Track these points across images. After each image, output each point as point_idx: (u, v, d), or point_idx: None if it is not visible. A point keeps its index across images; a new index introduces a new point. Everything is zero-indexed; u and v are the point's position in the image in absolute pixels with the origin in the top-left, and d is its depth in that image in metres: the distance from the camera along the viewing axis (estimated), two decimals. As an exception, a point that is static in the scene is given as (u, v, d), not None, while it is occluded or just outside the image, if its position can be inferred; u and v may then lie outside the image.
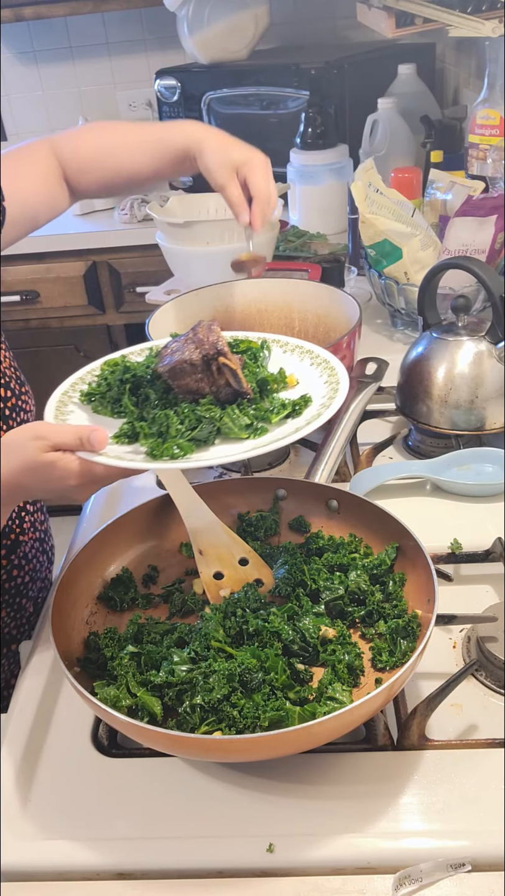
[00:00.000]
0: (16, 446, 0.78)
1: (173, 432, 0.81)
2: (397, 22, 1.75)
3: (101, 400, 0.89)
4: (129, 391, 0.88)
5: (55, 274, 2.54)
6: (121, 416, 0.87)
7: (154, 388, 0.88)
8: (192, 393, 0.86)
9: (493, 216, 1.41)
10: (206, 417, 0.82)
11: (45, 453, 0.77)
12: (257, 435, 0.83)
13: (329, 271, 1.57)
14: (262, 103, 2.37)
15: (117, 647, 0.84)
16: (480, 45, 1.90)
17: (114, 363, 0.94)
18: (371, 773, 0.77)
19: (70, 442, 0.77)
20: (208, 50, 2.45)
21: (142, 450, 0.81)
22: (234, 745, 0.71)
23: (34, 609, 1.14)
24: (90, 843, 0.73)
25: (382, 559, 0.91)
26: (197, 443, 0.81)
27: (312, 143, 2.08)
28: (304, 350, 0.97)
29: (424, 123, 1.97)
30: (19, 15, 2.59)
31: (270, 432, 0.83)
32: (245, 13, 2.44)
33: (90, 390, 0.90)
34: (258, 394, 0.88)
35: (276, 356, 0.97)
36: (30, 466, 0.77)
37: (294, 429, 0.82)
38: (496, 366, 1.14)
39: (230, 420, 0.83)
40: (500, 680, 0.84)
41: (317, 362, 0.94)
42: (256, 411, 0.85)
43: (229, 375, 0.85)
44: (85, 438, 0.77)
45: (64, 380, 0.94)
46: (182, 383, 0.86)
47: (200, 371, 0.85)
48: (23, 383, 1.12)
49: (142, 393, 0.88)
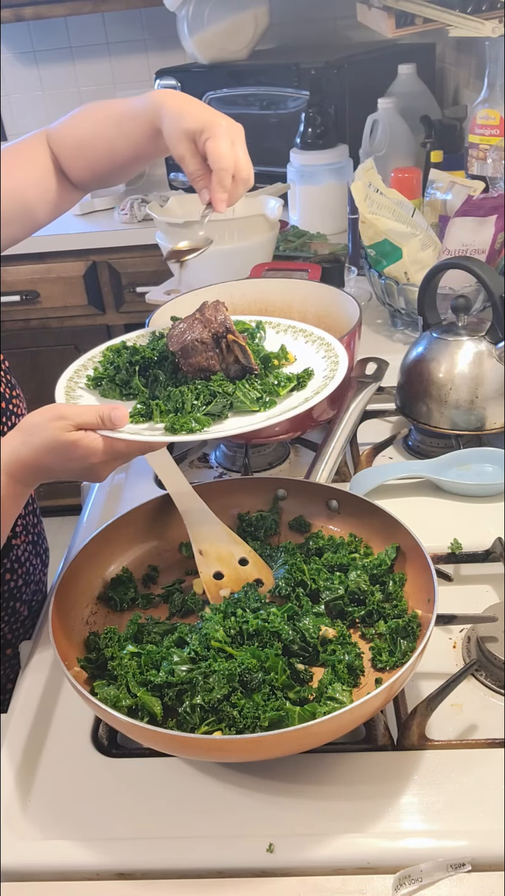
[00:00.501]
0: (38, 427, 0.80)
1: (189, 407, 0.85)
2: (397, 22, 1.76)
3: (110, 384, 0.92)
4: (139, 372, 0.91)
5: (55, 274, 2.54)
6: (129, 398, 0.91)
7: (163, 368, 0.92)
8: (203, 370, 0.89)
9: (493, 216, 1.41)
10: (219, 392, 0.87)
11: (68, 433, 0.78)
12: (268, 407, 0.87)
13: (329, 271, 1.57)
14: (262, 103, 2.37)
15: (117, 647, 0.84)
16: (480, 45, 1.90)
17: (116, 349, 0.96)
18: (371, 773, 0.77)
19: (92, 421, 0.79)
20: (208, 50, 2.45)
21: (158, 426, 0.84)
22: (234, 745, 0.71)
23: (29, 612, 1.13)
24: (90, 843, 0.73)
25: (382, 559, 0.91)
26: (212, 417, 0.85)
27: (312, 143, 2.08)
28: (297, 329, 1.01)
29: (424, 123, 1.97)
30: (19, 15, 2.59)
31: (279, 404, 0.87)
32: (245, 13, 2.44)
33: (97, 374, 0.93)
34: (262, 370, 0.91)
35: (270, 337, 1.00)
36: (53, 446, 0.79)
37: (303, 399, 0.86)
38: (496, 366, 1.14)
39: (242, 394, 0.87)
40: (500, 680, 0.84)
41: (311, 340, 0.98)
42: (263, 385, 0.89)
43: (238, 352, 0.89)
44: (106, 417, 0.79)
45: None
46: (194, 361, 0.89)
47: (211, 349, 0.89)
48: (14, 387, 1.11)
49: (151, 374, 0.91)
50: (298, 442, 1.29)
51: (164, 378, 0.90)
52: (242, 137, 0.96)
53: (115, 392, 0.91)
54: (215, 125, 0.93)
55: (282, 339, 0.99)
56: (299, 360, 0.95)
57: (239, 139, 0.95)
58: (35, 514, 1.18)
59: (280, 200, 1.72)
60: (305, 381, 0.90)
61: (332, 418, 1.16)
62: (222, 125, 0.94)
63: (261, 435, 1.18)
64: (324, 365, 0.92)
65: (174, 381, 0.90)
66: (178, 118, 0.95)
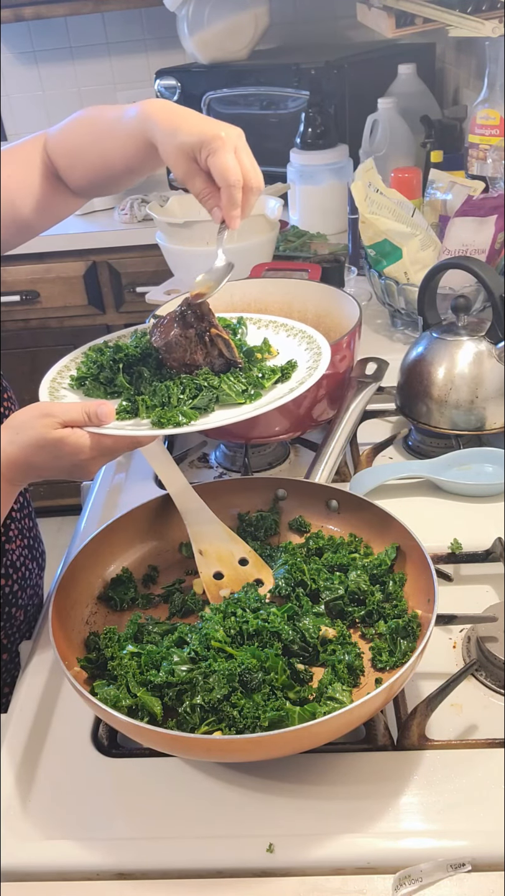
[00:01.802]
0: (25, 425, 0.79)
1: (175, 401, 0.86)
2: (397, 22, 1.76)
3: (94, 382, 0.92)
4: (123, 370, 0.91)
5: (55, 274, 2.54)
6: (114, 396, 0.91)
7: (147, 365, 0.92)
8: (187, 365, 0.89)
9: (493, 216, 1.41)
10: (205, 386, 0.87)
11: (55, 430, 0.78)
12: (253, 399, 0.88)
13: (329, 271, 1.57)
14: (262, 103, 2.37)
15: (117, 647, 0.84)
16: (480, 45, 1.90)
17: (98, 348, 0.96)
18: (371, 773, 0.77)
19: (78, 418, 0.79)
20: (208, 50, 2.45)
21: (144, 422, 0.85)
22: (234, 745, 0.71)
23: (25, 617, 1.12)
24: (90, 843, 0.73)
25: (382, 559, 0.91)
26: (198, 410, 0.86)
27: (312, 143, 2.08)
28: (277, 324, 1.02)
29: (424, 123, 1.97)
30: (19, 15, 2.59)
31: (265, 396, 0.88)
32: (245, 13, 2.44)
33: (80, 374, 0.93)
34: (246, 363, 0.92)
35: (251, 332, 1.01)
36: (40, 444, 0.79)
37: (289, 389, 0.87)
38: (496, 366, 1.14)
39: (227, 387, 0.87)
40: (500, 680, 0.84)
41: (293, 333, 0.99)
42: (248, 378, 0.90)
43: (222, 345, 0.89)
44: (92, 413, 0.79)
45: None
46: (177, 356, 0.89)
47: (195, 343, 0.89)
48: (4, 389, 1.11)
49: (135, 371, 0.91)
50: (298, 442, 1.29)
51: (149, 374, 0.91)
52: (244, 142, 0.89)
53: (99, 391, 0.91)
54: (214, 138, 0.86)
55: (263, 334, 1.00)
56: (282, 354, 0.96)
57: (241, 146, 0.88)
58: (31, 517, 1.17)
59: (280, 200, 1.72)
60: (289, 372, 0.91)
61: (332, 418, 1.16)
62: (221, 136, 0.86)
63: (261, 435, 1.18)
64: (307, 357, 0.93)
65: (158, 377, 0.90)
66: (172, 134, 0.88)
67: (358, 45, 2.59)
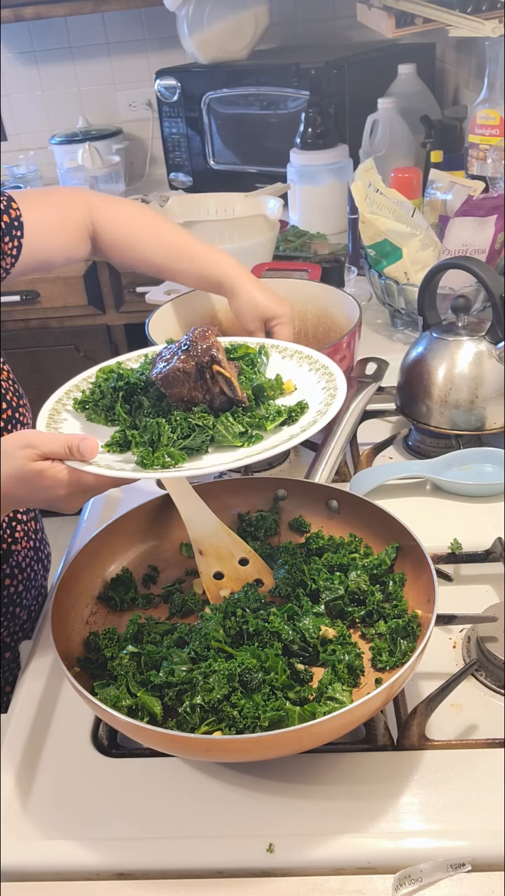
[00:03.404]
0: (5, 455, 0.77)
1: (165, 440, 0.81)
2: (397, 22, 1.76)
3: (95, 408, 0.89)
4: (123, 399, 0.87)
5: (55, 274, 2.54)
6: (115, 423, 0.87)
7: (147, 395, 0.87)
8: (186, 401, 0.85)
9: (493, 216, 1.41)
10: (199, 426, 0.82)
11: (34, 462, 0.76)
12: (252, 442, 0.83)
13: (329, 271, 1.57)
14: (262, 103, 2.37)
15: (117, 647, 0.84)
16: (480, 45, 1.90)
17: (108, 370, 0.93)
18: (371, 773, 0.77)
19: (59, 451, 0.76)
20: (208, 50, 2.45)
21: (133, 458, 0.80)
22: (234, 745, 0.71)
23: (28, 617, 1.13)
24: (90, 843, 0.73)
25: (382, 559, 0.91)
26: (189, 451, 0.81)
27: (312, 143, 2.08)
28: (302, 355, 0.97)
29: (424, 123, 1.97)
30: (19, 15, 2.59)
31: (265, 440, 0.83)
32: (245, 13, 2.44)
33: (84, 398, 0.90)
34: (254, 401, 0.87)
35: (275, 361, 0.97)
36: (18, 475, 0.77)
37: (289, 436, 0.81)
38: (496, 366, 1.14)
39: (224, 428, 0.82)
40: (500, 680, 0.84)
41: (315, 367, 0.94)
42: (251, 418, 0.84)
43: (223, 383, 0.84)
44: (74, 447, 0.76)
45: (64, 381, 0.94)
46: (175, 391, 0.85)
47: (194, 379, 0.84)
48: (21, 396, 1.12)
49: (135, 400, 0.88)
50: (298, 442, 1.28)
51: (148, 405, 0.86)
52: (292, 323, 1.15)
53: (100, 417, 0.88)
54: (284, 315, 1.12)
55: (287, 365, 0.96)
56: (299, 390, 0.91)
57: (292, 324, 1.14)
58: (36, 520, 1.18)
59: (280, 200, 1.72)
60: (297, 416, 0.86)
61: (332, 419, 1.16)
62: (288, 314, 1.13)
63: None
64: (320, 397, 0.88)
65: (158, 409, 0.86)
66: (256, 303, 1.12)
67: (358, 45, 2.59)
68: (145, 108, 2.97)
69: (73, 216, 1.16)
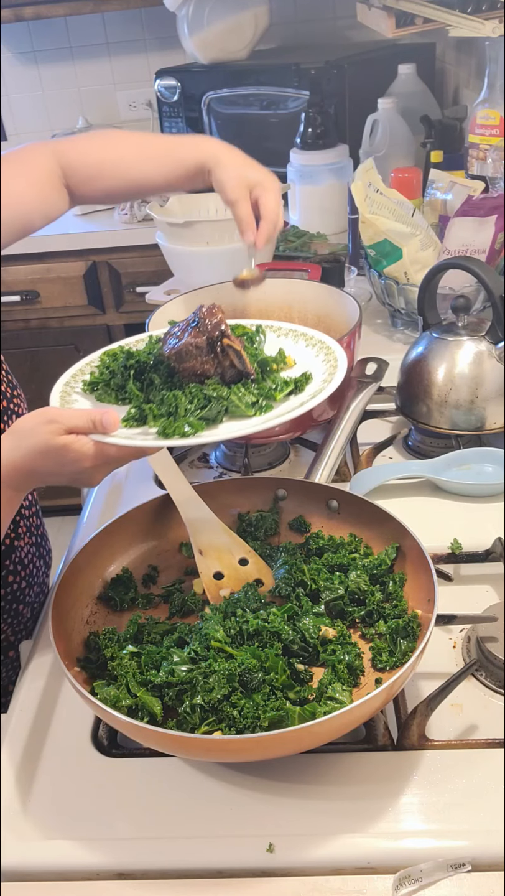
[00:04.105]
0: (29, 431, 0.79)
1: (182, 412, 0.84)
2: (397, 22, 1.75)
3: (105, 388, 0.91)
4: (134, 376, 0.91)
5: (55, 274, 2.54)
6: (125, 402, 0.90)
7: (158, 372, 0.91)
8: (198, 375, 0.88)
9: (493, 216, 1.41)
10: (214, 397, 0.86)
11: (59, 437, 0.78)
12: (263, 411, 0.86)
13: (329, 271, 1.57)
14: (262, 103, 2.37)
15: (117, 647, 0.84)
16: (480, 45, 1.90)
17: (113, 353, 0.96)
18: (371, 772, 0.77)
19: (83, 425, 0.79)
20: (208, 50, 2.45)
21: (151, 431, 0.83)
22: (234, 744, 0.71)
23: (31, 614, 1.14)
24: (90, 843, 0.73)
25: (382, 559, 0.91)
26: (206, 421, 0.84)
27: (312, 143, 2.08)
28: (298, 333, 1.00)
29: (424, 123, 1.97)
30: (19, 15, 2.59)
31: (275, 408, 0.87)
32: (245, 13, 2.44)
33: (93, 379, 0.92)
34: (260, 374, 0.90)
35: (270, 341, 1.00)
36: (44, 450, 0.79)
37: (299, 403, 0.85)
38: (496, 366, 1.14)
39: (237, 398, 0.86)
40: (500, 680, 0.84)
41: (312, 343, 0.98)
42: (259, 390, 0.88)
43: (234, 356, 0.88)
44: (97, 421, 0.79)
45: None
46: (188, 366, 0.88)
47: (206, 353, 0.88)
48: (14, 387, 1.12)
49: (146, 378, 0.91)
50: (298, 442, 1.29)
51: (160, 382, 0.90)
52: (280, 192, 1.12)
53: (110, 396, 0.91)
54: (270, 181, 1.10)
55: (282, 343, 0.98)
56: (299, 364, 0.94)
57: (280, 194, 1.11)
58: (38, 515, 1.18)
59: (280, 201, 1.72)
60: (302, 384, 0.89)
61: (332, 418, 1.16)
62: (275, 182, 1.10)
63: (260, 435, 1.18)
64: (323, 369, 0.92)
65: (169, 385, 0.89)
66: (239, 170, 1.10)
67: (358, 45, 2.59)
68: (145, 108, 2.97)
69: (39, 167, 1.12)
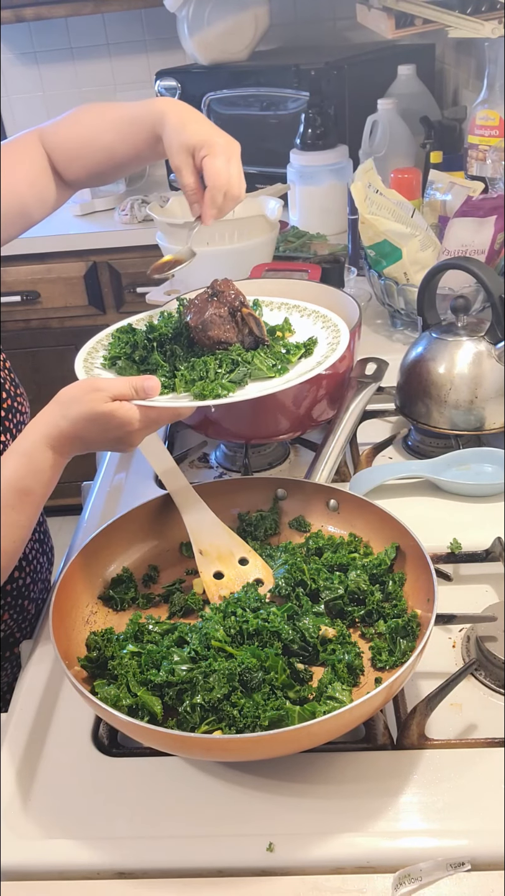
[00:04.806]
0: (76, 400, 0.83)
1: (212, 376, 0.92)
2: (397, 23, 1.76)
3: (127, 361, 0.97)
4: (156, 348, 0.97)
5: (55, 274, 2.54)
6: (146, 373, 0.95)
7: (179, 343, 0.98)
8: (222, 343, 0.95)
9: (492, 217, 1.41)
10: (240, 361, 0.93)
11: (106, 404, 0.82)
12: (282, 373, 0.94)
13: (329, 271, 1.57)
14: (262, 104, 2.37)
15: (118, 646, 0.84)
16: (479, 46, 1.90)
17: (125, 329, 1.01)
18: (371, 772, 0.77)
19: (126, 392, 0.84)
20: (208, 51, 2.45)
21: (181, 396, 0.91)
22: (234, 744, 0.71)
23: (35, 610, 1.14)
24: (90, 843, 0.73)
25: (381, 559, 0.91)
26: (235, 384, 0.91)
27: (312, 143, 2.08)
28: (290, 306, 1.07)
29: (423, 124, 1.97)
30: (20, 15, 2.59)
31: (291, 370, 0.94)
32: (245, 14, 2.44)
33: (113, 354, 0.98)
34: (271, 340, 0.98)
35: (266, 314, 1.06)
36: (91, 417, 0.82)
37: (315, 363, 0.93)
38: (496, 366, 1.14)
39: (259, 362, 0.94)
40: (499, 680, 0.84)
41: (306, 314, 1.05)
42: (274, 355, 0.96)
43: (253, 324, 0.96)
44: (139, 387, 0.84)
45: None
46: (214, 334, 0.95)
47: (228, 322, 0.96)
48: (17, 385, 1.12)
49: (168, 349, 0.98)
50: (298, 442, 1.29)
51: (182, 352, 0.97)
52: (238, 155, 1.00)
53: (132, 369, 0.96)
54: (214, 143, 0.97)
55: (276, 315, 1.05)
56: (299, 332, 1.01)
57: (235, 157, 0.99)
58: (41, 512, 1.18)
59: (280, 201, 1.71)
60: (311, 347, 0.97)
61: (332, 418, 1.17)
62: (220, 143, 0.98)
63: (261, 435, 1.18)
64: (325, 334, 0.99)
65: (192, 352, 0.97)
66: (180, 131, 0.99)
67: (358, 45, 2.59)
68: (145, 108, 2.97)
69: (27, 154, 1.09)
